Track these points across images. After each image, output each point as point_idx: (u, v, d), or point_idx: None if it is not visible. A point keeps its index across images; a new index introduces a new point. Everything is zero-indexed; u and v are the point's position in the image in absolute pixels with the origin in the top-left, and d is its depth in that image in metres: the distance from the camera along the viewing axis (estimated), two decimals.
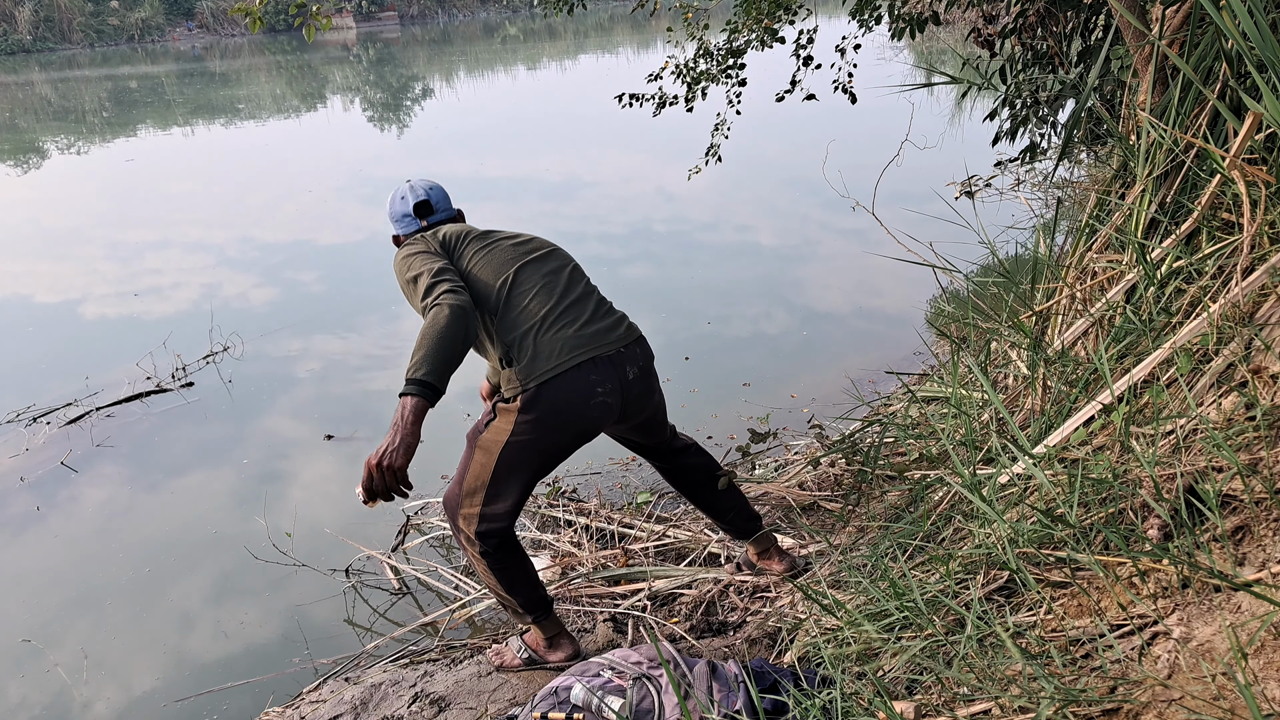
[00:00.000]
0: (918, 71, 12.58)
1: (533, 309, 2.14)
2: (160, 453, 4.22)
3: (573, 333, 2.11)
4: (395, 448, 1.88)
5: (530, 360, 2.09)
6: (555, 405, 2.09)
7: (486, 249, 2.25)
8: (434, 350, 1.92)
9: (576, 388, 2.09)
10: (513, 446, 2.13)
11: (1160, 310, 2.22)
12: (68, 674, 2.83)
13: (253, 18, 3.53)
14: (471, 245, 2.26)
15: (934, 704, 1.55)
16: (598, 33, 33.07)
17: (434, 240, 2.27)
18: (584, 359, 2.09)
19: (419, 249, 2.21)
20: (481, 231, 2.33)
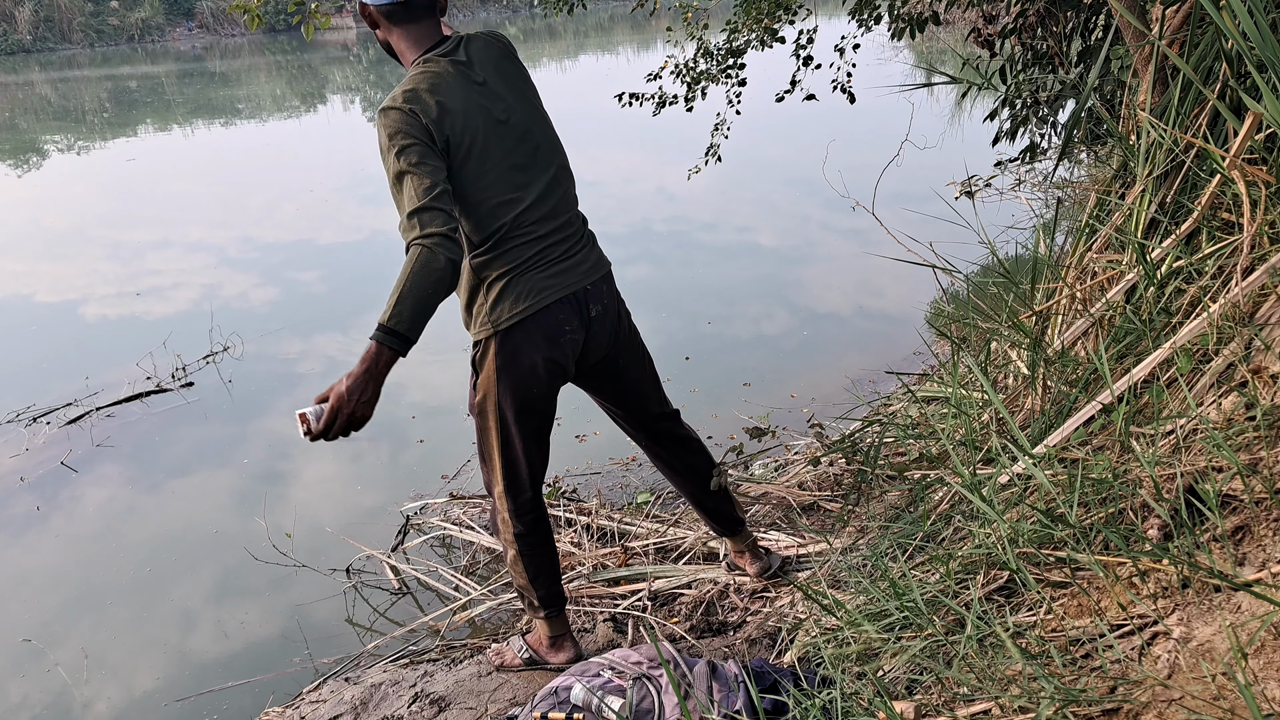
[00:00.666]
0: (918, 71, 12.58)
1: (521, 251, 2.02)
2: (160, 453, 4.22)
3: (548, 275, 2.05)
4: (369, 398, 1.76)
5: (500, 298, 2.03)
6: (533, 339, 2.05)
7: (492, 152, 1.98)
8: (420, 303, 1.79)
9: (542, 327, 2.05)
10: (502, 393, 2.10)
11: (1160, 310, 2.22)
12: (68, 674, 2.83)
13: (251, 15, 3.54)
14: (473, 159, 1.95)
15: (934, 704, 1.55)
16: (598, 33, 33.06)
17: (421, 110, 1.88)
18: (552, 299, 2.05)
19: (411, 132, 1.86)
20: (482, 126, 1.97)
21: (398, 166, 1.84)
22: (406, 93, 1.89)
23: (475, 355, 2.12)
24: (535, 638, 2.41)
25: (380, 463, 4.05)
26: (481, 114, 1.96)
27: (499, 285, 2.03)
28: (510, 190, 2.00)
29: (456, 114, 1.91)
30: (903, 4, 5.07)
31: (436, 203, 1.82)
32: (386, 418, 4.45)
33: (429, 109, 1.87)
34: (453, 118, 1.91)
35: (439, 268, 1.79)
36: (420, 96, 1.89)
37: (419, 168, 1.83)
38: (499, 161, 1.98)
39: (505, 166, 1.99)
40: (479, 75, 2.01)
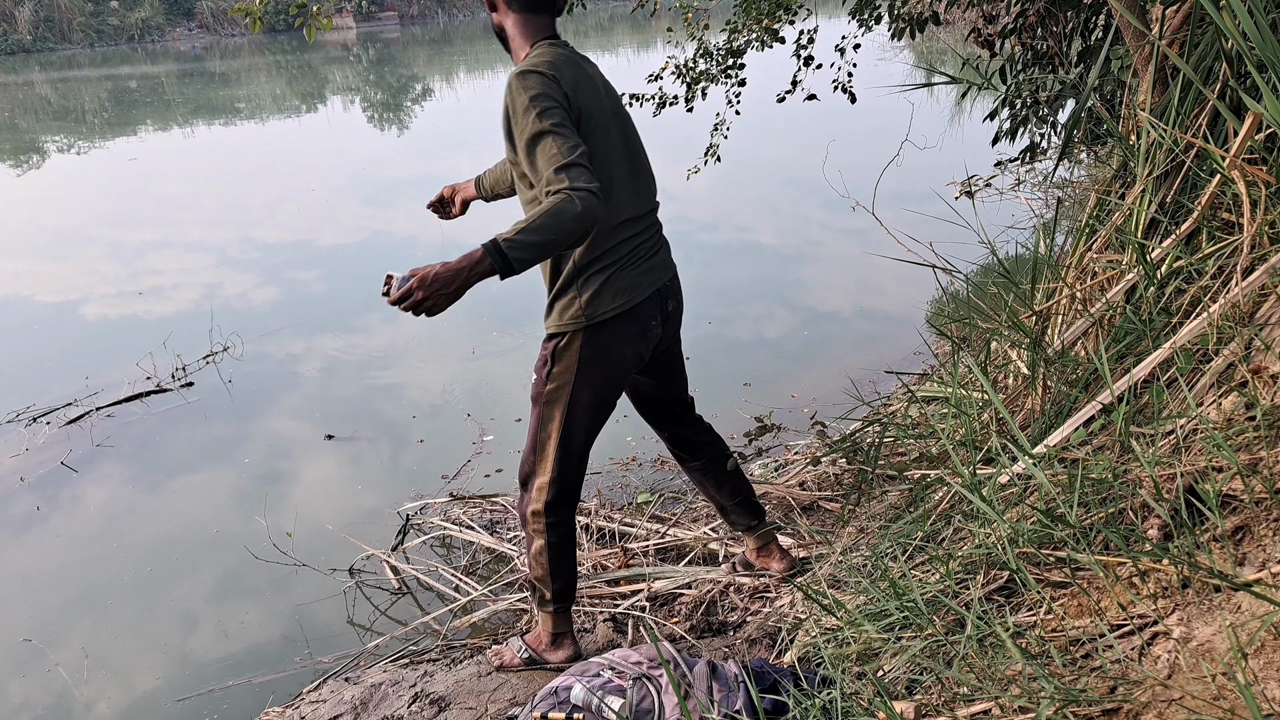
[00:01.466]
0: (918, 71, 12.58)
1: (621, 246, 2.07)
2: (161, 453, 4.22)
3: (640, 270, 2.10)
4: (449, 294, 1.80)
5: (597, 294, 2.05)
6: (623, 335, 2.10)
7: (605, 136, 2.01)
8: (544, 241, 1.78)
9: (637, 321, 2.11)
10: (580, 386, 2.12)
11: (1160, 310, 2.22)
12: (69, 674, 2.83)
13: (253, 18, 3.54)
14: (595, 140, 1.97)
15: (934, 704, 1.55)
16: (598, 33, 33.07)
17: (562, 80, 1.91)
18: (644, 296, 2.10)
19: (553, 96, 1.87)
20: (605, 111, 2.03)
21: (539, 126, 1.83)
22: (545, 62, 1.93)
23: (557, 345, 2.11)
24: (535, 637, 2.41)
25: (380, 463, 4.05)
26: (604, 101, 2.03)
27: (598, 279, 2.05)
28: (618, 179, 2.04)
29: (588, 93, 1.97)
30: (903, 4, 5.07)
31: (584, 161, 1.83)
32: (387, 418, 4.46)
33: (567, 80, 1.92)
34: (585, 95, 1.96)
35: (577, 214, 1.76)
36: (559, 67, 1.92)
37: (562, 128, 1.84)
38: (614, 149, 2.04)
39: (618, 155, 2.05)
40: (594, 69, 2.08)
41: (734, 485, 2.55)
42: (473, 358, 5.09)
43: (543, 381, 2.14)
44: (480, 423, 4.27)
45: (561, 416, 2.14)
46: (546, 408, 2.15)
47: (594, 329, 2.07)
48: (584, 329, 2.07)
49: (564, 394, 2.12)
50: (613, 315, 2.06)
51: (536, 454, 2.21)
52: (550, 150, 1.81)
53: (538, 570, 2.30)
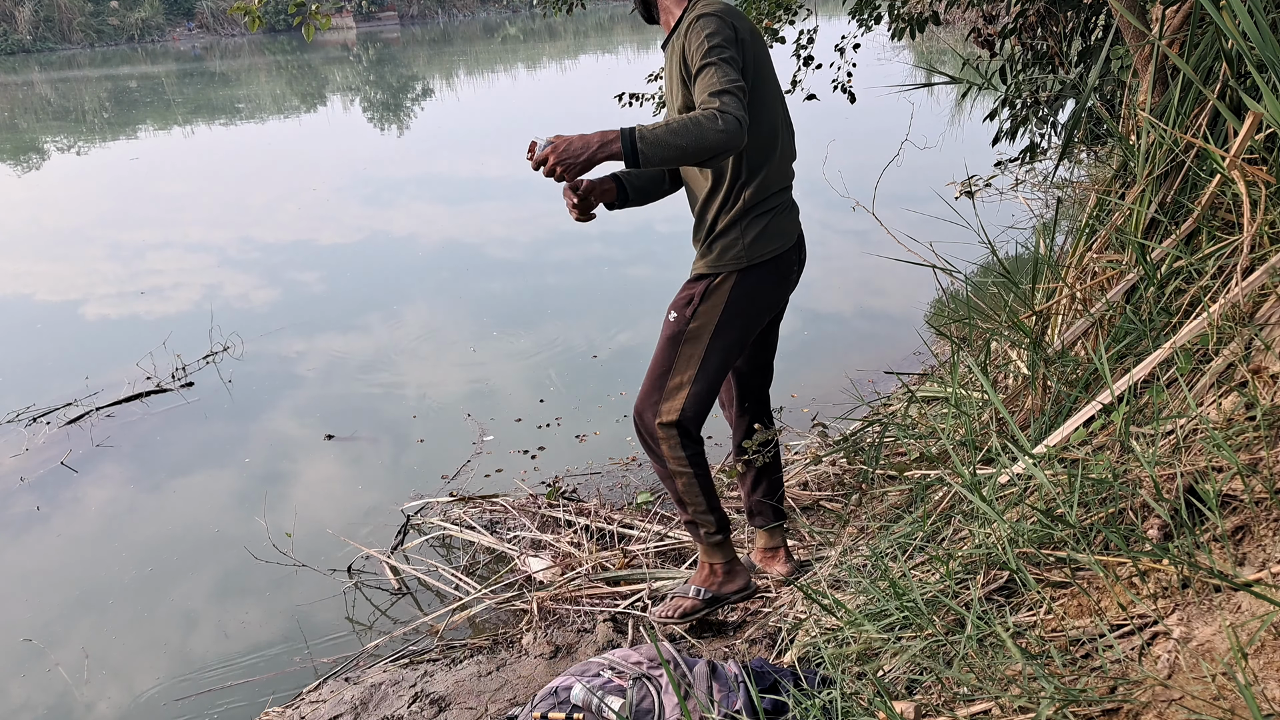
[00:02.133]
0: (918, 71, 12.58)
1: (778, 182, 2.17)
2: (161, 453, 4.22)
3: (789, 219, 2.21)
4: (578, 165, 1.87)
5: (760, 236, 2.13)
6: (769, 280, 2.18)
7: (770, 87, 2.12)
8: (678, 144, 1.82)
9: (781, 269, 2.20)
10: (724, 325, 2.17)
11: (1160, 310, 2.22)
12: (69, 673, 2.83)
13: (252, 17, 3.54)
14: (763, 71, 2.09)
15: (934, 704, 1.55)
16: (598, 33, 33.07)
17: (738, 26, 2.02)
18: (791, 244, 2.21)
19: (729, 37, 1.96)
20: (765, 65, 2.13)
21: (710, 58, 1.91)
22: (721, 9, 2.01)
23: (709, 285, 2.16)
24: (705, 577, 2.42)
25: (380, 462, 4.05)
26: (764, 57, 2.12)
27: (762, 221, 2.13)
28: (772, 133, 2.14)
29: (751, 45, 2.06)
30: (903, 4, 5.08)
31: (739, 93, 1.89)
32: (387, 417, 4.46)
33: (743, 27, 2.03)
34: (751, 47, 2.06)
35: (719, 130, 1.81)
36: (735, 14, 2.03)
37: (730, 62, 1.92)
38: (771, 104, 2.13)
39: (773, 109, 2.14)
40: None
41: (771, 483, 2.57)
42: (473, 357, 5.09)
43: (685, 320, 2.18)
44: (480, 423, 4.28)
45: (702, 353, 2.18)
46: (688, 344, 2.19)
47: (746, 271, 2.14)
48: (739, 270, 2.14)
49: (705, 333, 2.17)
50: (768, 259, 2.15)
51: (668, 393, 2.22)
52: (716, 75, 1.88)
53: (696, 507, 2.32)
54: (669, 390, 2.22)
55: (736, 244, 2.13)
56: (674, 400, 2.21)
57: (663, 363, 2.22)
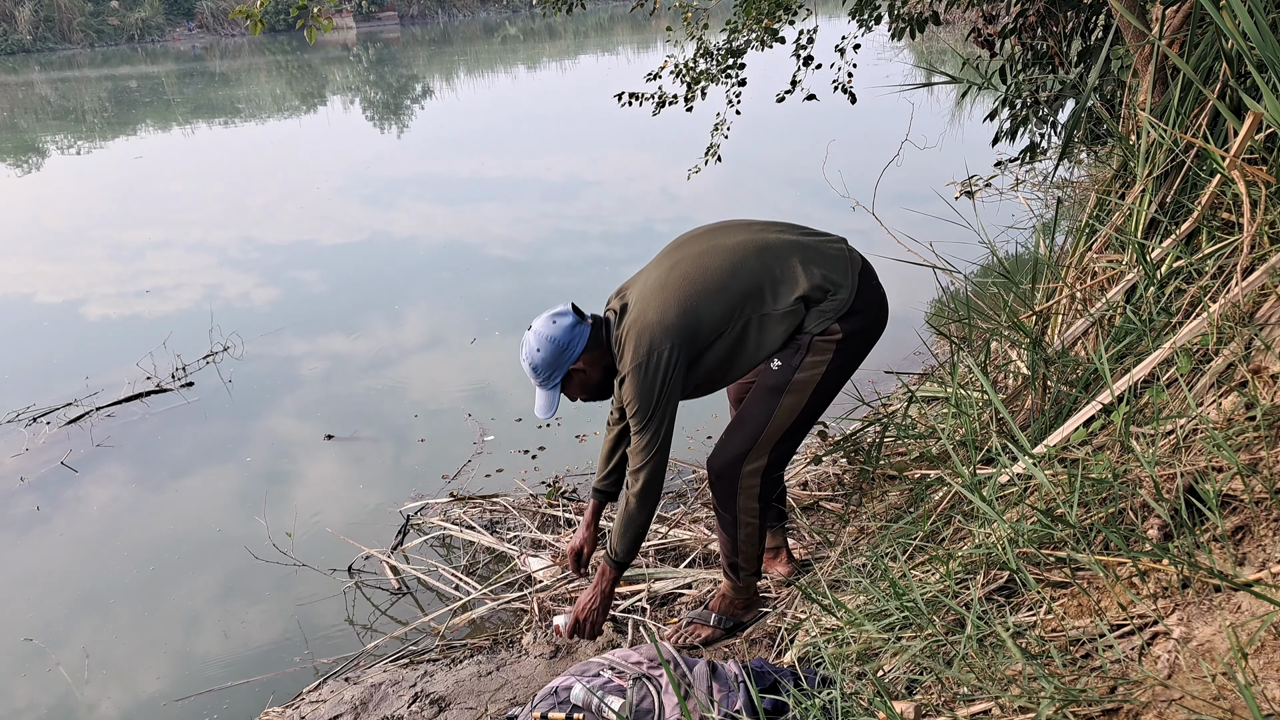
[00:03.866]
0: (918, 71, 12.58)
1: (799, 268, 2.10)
2: (161, 452, 4.22)
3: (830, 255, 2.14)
4: (598, 607, 2.28)
5: (835, 294, 2.08)
6: (868, 314, 2.15)
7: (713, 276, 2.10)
8: (639, 539, 2.19)
9: (872, 294, 2.17)
10: (830, 376, 2.13)
11: (1160, 310, 2.22)
12: (70, 673, 2.83)
13: (254, 20, 3.53)
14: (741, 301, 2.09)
15: (934, 704, 1.55)
16: (598, 33, 33.07)
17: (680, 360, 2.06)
18: (858, 270, 2.15)
19: (670, 389, 2.06)
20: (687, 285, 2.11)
21: (656, 420, 2.11)
22: (643, 361, 2.12)
23: (816, 336, 2.10)
24: (729, 606, 2.43)
25: (381, 462, 4.05)
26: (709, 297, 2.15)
27: (811, 295, 2.10)
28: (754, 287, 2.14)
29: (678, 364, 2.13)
30: (903, 4, 5.08)
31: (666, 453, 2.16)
32: (387, 418, 4.46)
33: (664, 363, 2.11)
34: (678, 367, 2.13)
35: (652, 508, 2.22)
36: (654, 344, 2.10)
37: (668, 422, 2.13)
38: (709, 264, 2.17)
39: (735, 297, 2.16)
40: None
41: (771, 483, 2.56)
42: (474, 357, 5.09)
43: (791, 370, 2.12)
44: (481, 423, 4.28)
45: (802, 405, 2.14)
46: (791, 396, 2.13)
47: (847, 316, 2.11)
48: (842, 316, 2.10)
49: (810, 385, 2.12)
50: (854, 295, 2.11)
51: (759, 440, 2.16)
52: (658, 442, 2.14)
53: (751, 551, 2.31)
54: (763, 442, 2.17)
55: (824, 314, 2.10)
56: (767, 450, 2.18)
57: (761, 414, 2.15)
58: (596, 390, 2.25)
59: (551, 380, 2.18)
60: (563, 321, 2.16)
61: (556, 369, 2.17)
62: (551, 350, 2.16)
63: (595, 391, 2.25)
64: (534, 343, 2.17)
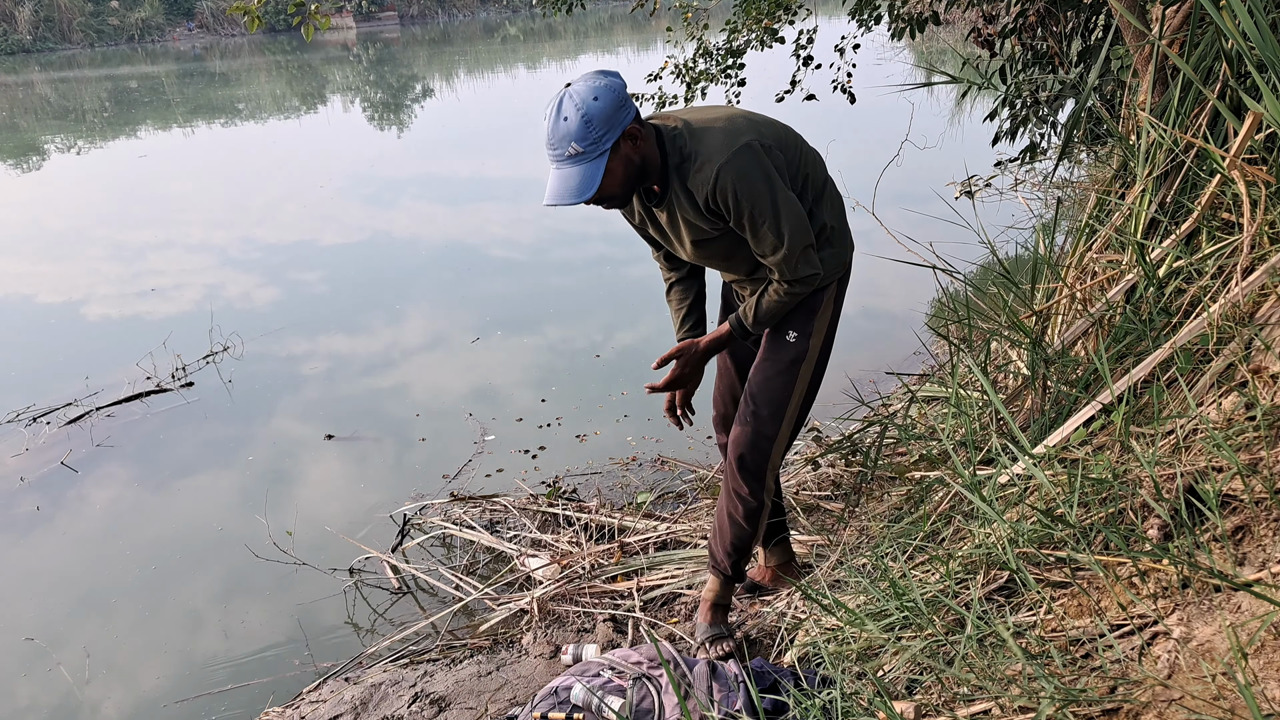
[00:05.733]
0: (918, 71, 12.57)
1: (837, 200, 2.09)
2: (161, 452, 4.22)
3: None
4: (698, 355, 2.11)
5: (842, 242, 2.07)
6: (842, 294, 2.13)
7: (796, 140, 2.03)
8: (782, 311, 2.02)
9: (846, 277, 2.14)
10: (830, 339, 2.12)
11: (1160, 310, 2.22)
12: (71, 673, 2.84)
13: (251, 16, 3.53)
14: (798, 149, 2.00)
15: (934, 704, 1.55)
16: (598, 33, 33.06)
17: (772, 145, 1.88)
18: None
19: (779, 174, 1.87)
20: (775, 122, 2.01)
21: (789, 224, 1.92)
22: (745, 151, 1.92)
23: (820, 298, 2.06)
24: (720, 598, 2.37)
25: (382, 462, 4.06)
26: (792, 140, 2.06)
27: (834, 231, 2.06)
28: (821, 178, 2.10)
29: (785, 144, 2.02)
30: (903, 4, 5.08)
31: (811, 246, 1.99)
32: (387, 417, 4.46)
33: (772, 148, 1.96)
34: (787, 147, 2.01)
35: (802, 292, 2.04)
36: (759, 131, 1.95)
37: (801, 215, 1.93)
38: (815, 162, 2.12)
39: (816, 165, 2.12)
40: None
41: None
42: (475, 357, 5.09)
43: (806, 337, 2.08)
44: (481, 422, 4.28)
45: (811, 374, 2.12)
46: (806, 365, 2.09)
47: (843, 277, 2.10)
48: (839, 278, 2.08)
49: (816, 350, 2.10)
50: (848, 269, 2.10)
51: (778, 419, 2.11)
52: (803, 238, 1.96)
53: (741, 538, 2.22)
54: (789, 417, 2.11)
55: (833, 255, 2.05)
56: (792, 424, 2.14)
57: (784, 389, 2.08)
58: (636, 176, 1.87)
59: (604, 142, 1.73)
60: (614, 77, 1.78)
61: (613, 125, 1.73)
62: (612, 100, 1.73)
63: (634, 177, 1.86)
64: (585, 94, 1.72)
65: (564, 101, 1.74)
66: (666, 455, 3.78)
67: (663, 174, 1.89)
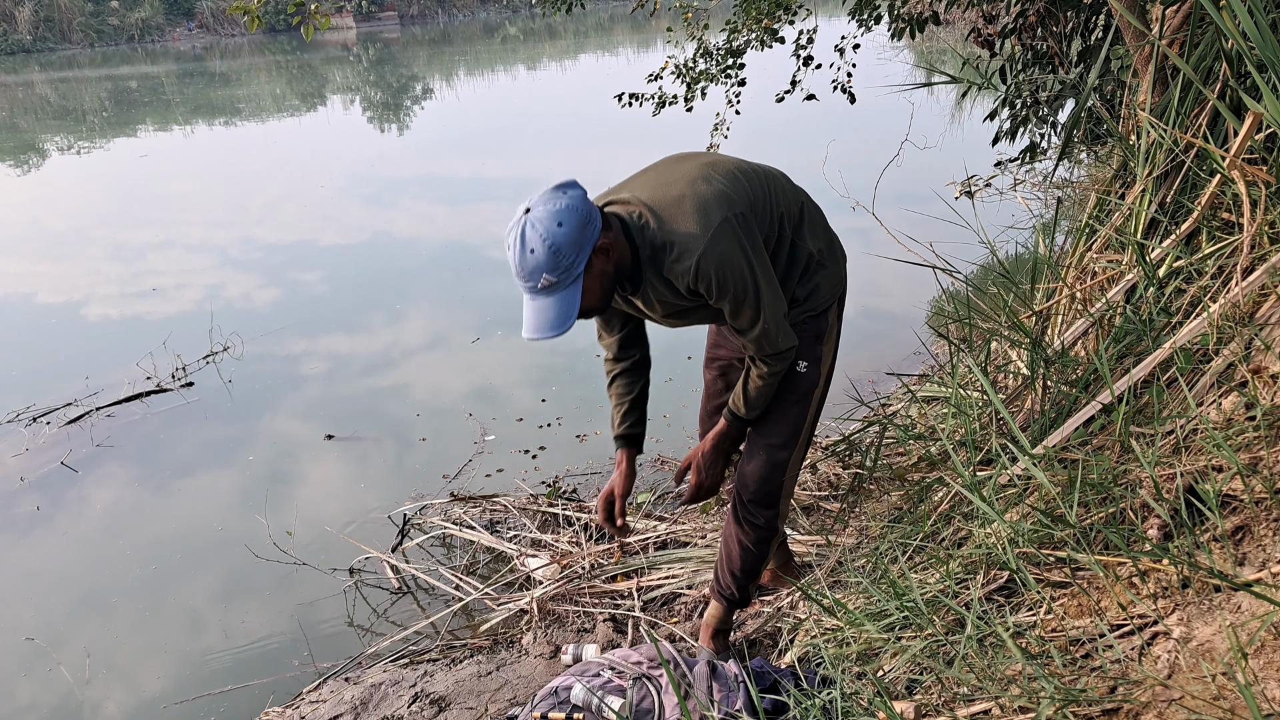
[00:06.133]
0: (918, 71, 12.57)
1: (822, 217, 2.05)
2: (161, 452, 4.22)
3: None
4: (713, 460, 2.09)
5: (834, 260, 2.02)
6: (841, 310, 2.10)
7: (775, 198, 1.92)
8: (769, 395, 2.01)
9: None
10: (832, 366, 2.09)
11: (1160, 310, 2.22)
12: (71, 673, 2.84)
13: (251, 16, 3.53)
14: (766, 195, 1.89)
15: (934, 704, 1.55)
16: (598, 33, 33.06)
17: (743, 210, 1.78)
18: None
19: (757, 252, 1.78)
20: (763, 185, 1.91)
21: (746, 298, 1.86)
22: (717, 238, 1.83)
23: (825, 322, 2.02)
24: (721, 624, 2.35)
25: (382, 462, 4.06)
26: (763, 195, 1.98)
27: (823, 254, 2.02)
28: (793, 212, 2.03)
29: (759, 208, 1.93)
30: (903, 4, 5.07)
31: (783, 317, 1.93)
32: (388, 417, 4.46)
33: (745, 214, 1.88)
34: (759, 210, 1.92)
35: (780, 372, 2.01)
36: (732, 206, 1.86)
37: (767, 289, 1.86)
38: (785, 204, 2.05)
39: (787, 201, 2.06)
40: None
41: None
42: (475, 357, 5.09)
43: (817, 362, 2.03)
44: (482, 422, 4.28)
45: (821, 398, 2.09)
46: (820, 390, 2.06)
47: (842, 296, 2.06)
48: (835, 299, 2.04)
49: (825, 375, 2.07)
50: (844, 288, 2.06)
51: (791, 448, 2.07)
52: (785, 327, 1.93)
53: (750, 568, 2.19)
54: (801, 442, 2.09)
55: (828, 275, 2.01)
56: (804, 450, 2.12)
57: (799, 418, 2.05)
58: (611, 284, 1.78)
59: (576, 268, 1.64)
60: (574, 191, 1.66)
61: (582, 247, 1.64)
62: (576, 222, 1.62)
63: (610, 287, 1.78)
64: (548, 221, 1.62)
65: (526, 231, 1.64)
66: (666, 455, 3.78)
67: (635, 267, 1.79)
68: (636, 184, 1.83)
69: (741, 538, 2.17)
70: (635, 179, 1.87)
